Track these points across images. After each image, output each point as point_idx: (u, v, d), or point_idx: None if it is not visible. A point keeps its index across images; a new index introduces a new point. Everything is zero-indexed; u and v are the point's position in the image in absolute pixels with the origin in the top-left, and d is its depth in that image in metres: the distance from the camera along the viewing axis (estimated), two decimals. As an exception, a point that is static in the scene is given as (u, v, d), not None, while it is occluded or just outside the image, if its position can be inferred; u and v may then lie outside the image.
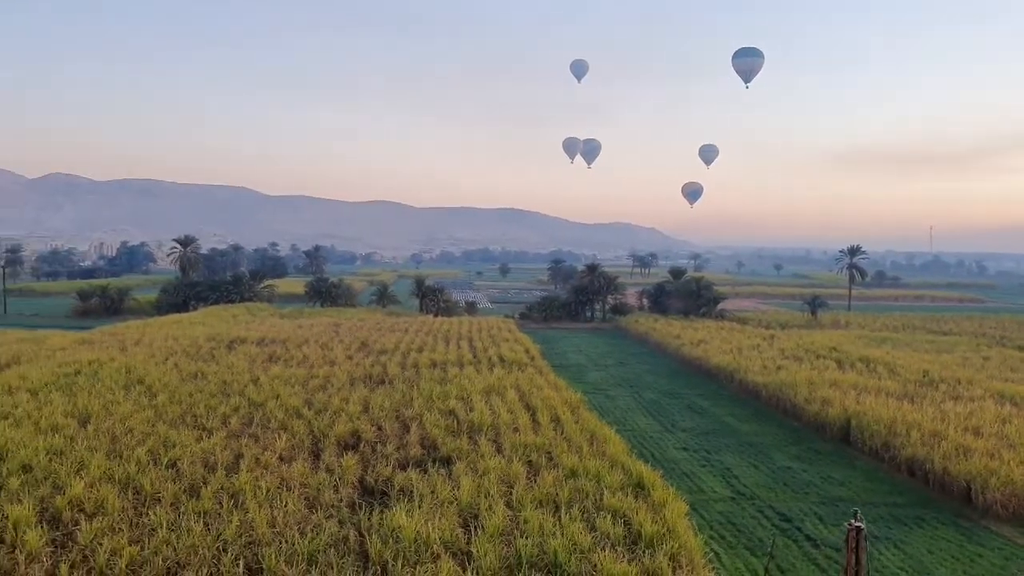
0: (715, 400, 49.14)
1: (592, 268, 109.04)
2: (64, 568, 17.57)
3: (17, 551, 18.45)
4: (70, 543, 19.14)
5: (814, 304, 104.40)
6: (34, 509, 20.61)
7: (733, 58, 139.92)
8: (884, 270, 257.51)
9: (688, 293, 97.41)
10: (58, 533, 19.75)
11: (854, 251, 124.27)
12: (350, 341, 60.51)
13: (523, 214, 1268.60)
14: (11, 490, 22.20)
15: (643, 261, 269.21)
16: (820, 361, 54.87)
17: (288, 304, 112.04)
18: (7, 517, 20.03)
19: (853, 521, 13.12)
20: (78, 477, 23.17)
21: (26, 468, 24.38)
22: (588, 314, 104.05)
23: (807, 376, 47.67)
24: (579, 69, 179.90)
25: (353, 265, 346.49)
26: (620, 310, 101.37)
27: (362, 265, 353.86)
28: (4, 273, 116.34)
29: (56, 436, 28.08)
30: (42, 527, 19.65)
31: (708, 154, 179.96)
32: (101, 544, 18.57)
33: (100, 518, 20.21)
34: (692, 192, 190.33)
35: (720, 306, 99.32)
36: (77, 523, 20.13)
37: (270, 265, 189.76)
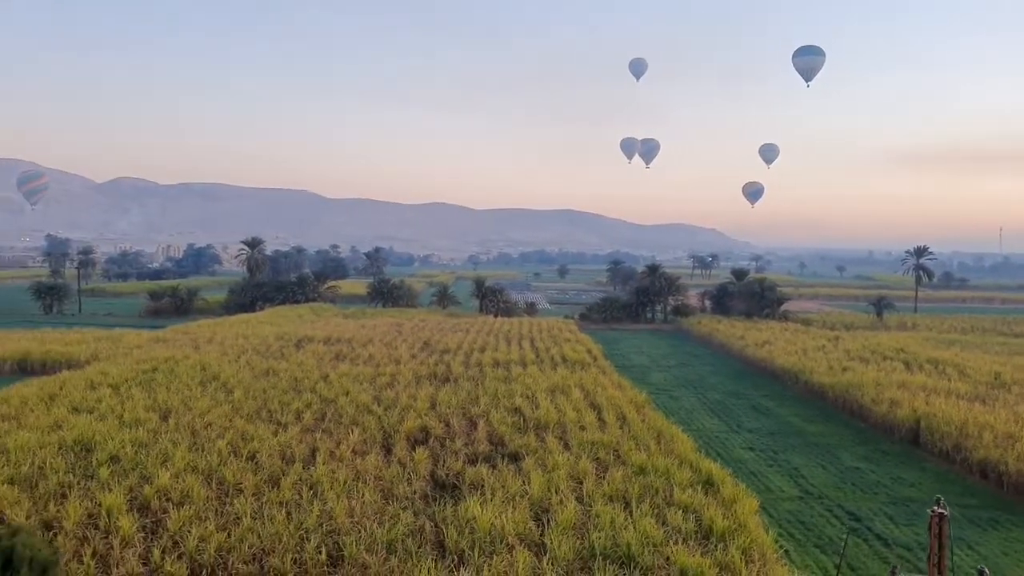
0: (780, 401, 48.82)
1: (653, 269, 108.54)
2: (156, 553, 18.40)
3: (111, 536, 19.39)
4: (160, 530, 20.00)
5: (880, 305, 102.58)
6: (124, 497, 21.61)
7: (793, 56, 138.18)
8: (951, 271, 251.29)
9: (751, 294, 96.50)
10: (147, 520, 20.64)
11: (920, 252, 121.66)
12: (413, 341, 61.42)
13: (580, 215, 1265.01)
14: (102, 479, 23.28)
15: (703, 262, 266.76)
16: (887, 362, 54.13)
17: (350, 304, 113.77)
18: (100, 504, 21.04)
19: (936, 508, 13.16)
20: (163, 468, 24.17)
21: (114, 459, 25.50)
22: (649, 315, 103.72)
23: (874, 377, 47.11)
24: (638, 68, 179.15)
25: (411, 267, 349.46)
26: (682, 311, 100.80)
27: (420, 267, 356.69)
28: (79, 274, 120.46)
29: (139, 429, 29.29)
30: (133, 514, 20.59)
31: (768, 153, 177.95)
32: (190, 531, 19.41)
33: (187, 507, 21.06)
34: (753, 192, 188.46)
35: (783, 307, 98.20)
36: (166, 511, 21.02)
37: (332, 266, 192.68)
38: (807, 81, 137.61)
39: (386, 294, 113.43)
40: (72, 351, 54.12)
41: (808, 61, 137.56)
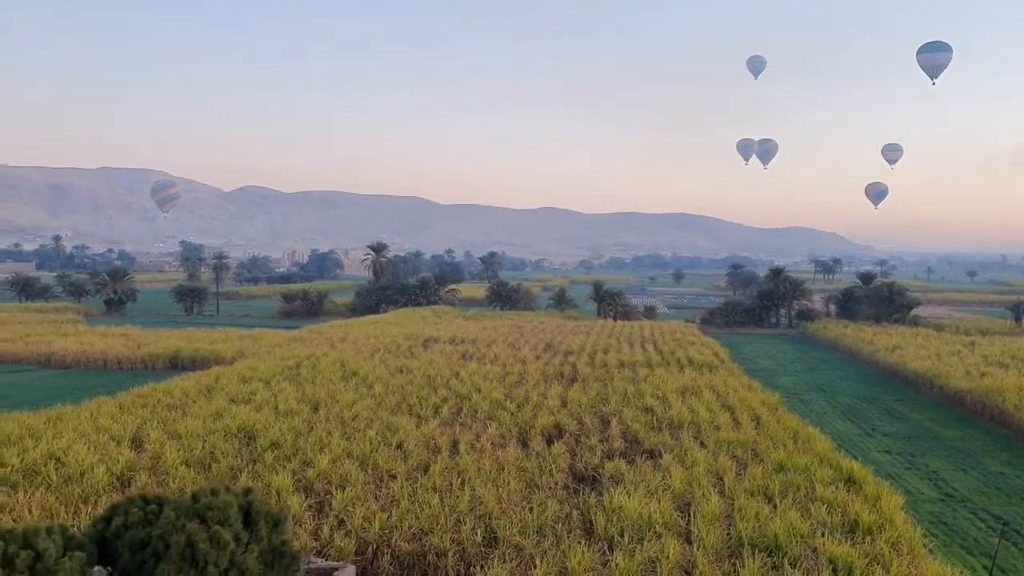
0: (913, 406, 47.62)
1: (776, 272, 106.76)
2: (325, 530, 19.83)
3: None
4: (326, 509, 21.49)
5: (1018, 310, 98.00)
6: (290, 479, 23.25)
7: (918, 53, 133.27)
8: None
9: (880, 299, 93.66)
10: (312, 500, 22.16)
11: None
12: (536, 342, 62.46)
13: (695, 218, 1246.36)
14: (267, 463, 25.09)
15: (826, 267, 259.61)
16: (1030, 368, 52.02)
17: (469, 307, 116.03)
18: (269, 485, 22.71)
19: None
20: (321, 454, 25.82)
21: (275, 445, 27.35)
22: (773, 320, 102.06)
23: (1016, 383, 45.40)
24: (756, 65, 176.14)
25: (523, 271, 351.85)
26: (806, 315, 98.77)
27: (532, 271, 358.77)
28: (217, 278, 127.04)
29: (295, 419, 31.24)
30: (300, 495, 22.15)
31: (891, 154, 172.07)
32: (353, 511, 20.79)
33: (348, 489, 22.50)
34: (877, 193, 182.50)
35: (912, 312, 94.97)
36: (328, 492, 22.53)
37: (448, 271, 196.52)
38: (933, 79, 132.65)
39: (504, 297, 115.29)
40: (218, 348, 57.42)
41: (934, 58, 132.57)
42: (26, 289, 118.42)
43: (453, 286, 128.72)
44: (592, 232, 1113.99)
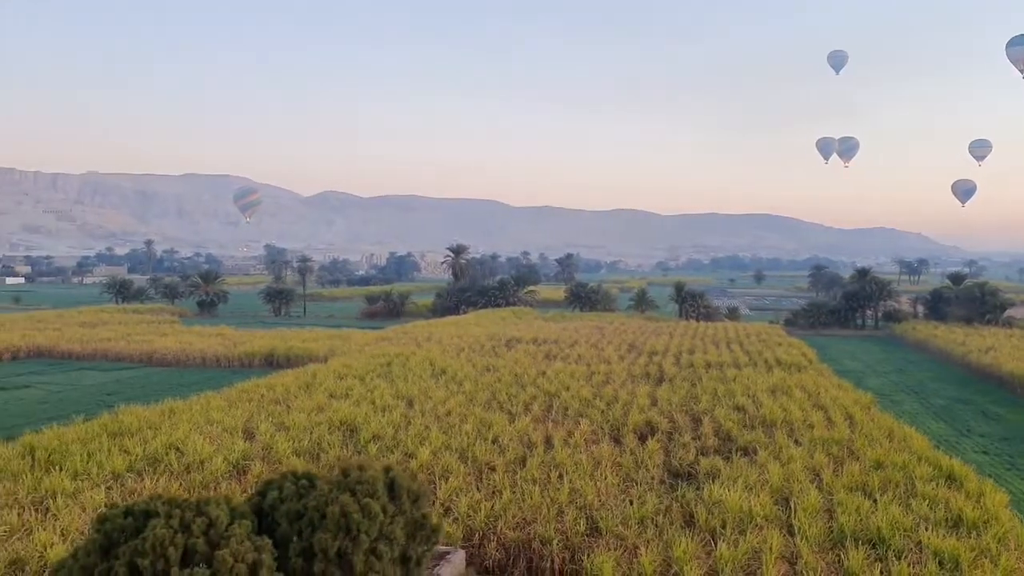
0: (1011, 407, 46.45)
1: (863, 273, 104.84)
2: (433, 517, 20.63)
3: (391, 502, 21.85)
4: (431, 497, 22.26)
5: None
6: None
7: (1007, 46, 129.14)
8: None
9: (971, 299, 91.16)
10: (417, 490, 23.05)
11: None
12: (619, 343, 62.70)
13: (774, 219, 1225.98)
14: (371, 454, 26.10)
15: (910, 268, 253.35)
16: None
17: (547, 308, 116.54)
18: (376, 475, 23.69)
19: None
20: (422, 446, 26.75)
21: (376, 438, 28.44)
22: (858, 321, 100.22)
23: (1121, 385, 43.99)
24: (838, 60, 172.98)
25: (599, 273, 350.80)
26: (893, 317, 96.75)
27: (607, 273, 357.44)
28: (303, 280, 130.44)
29: (392, 413, 32.35)
30: (405, 484, 23.06)
31: (979, 150, 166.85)
32: (457, 500, 21.59)
33: (450, 479, 23.32)
34: (965, 190, 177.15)
35: (1006, 313, 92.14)
36: (432, 483, 23.36)
37: (525, 272, 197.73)
38: (1023, 72, 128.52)
39: (583, 298, 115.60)
40: (311, 347, 59.22)
41: (1023, 51, 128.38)
42: (122, 291, 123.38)
43: (531, 287, 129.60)
44: (669, 233, 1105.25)
